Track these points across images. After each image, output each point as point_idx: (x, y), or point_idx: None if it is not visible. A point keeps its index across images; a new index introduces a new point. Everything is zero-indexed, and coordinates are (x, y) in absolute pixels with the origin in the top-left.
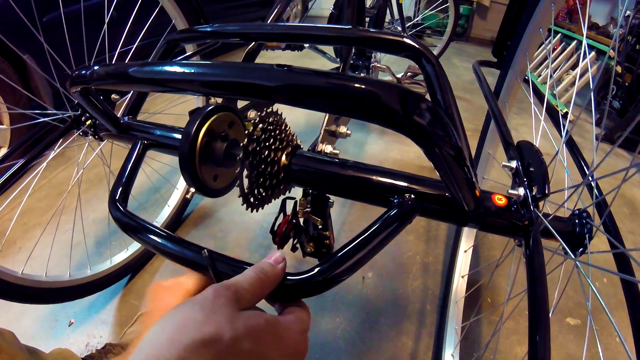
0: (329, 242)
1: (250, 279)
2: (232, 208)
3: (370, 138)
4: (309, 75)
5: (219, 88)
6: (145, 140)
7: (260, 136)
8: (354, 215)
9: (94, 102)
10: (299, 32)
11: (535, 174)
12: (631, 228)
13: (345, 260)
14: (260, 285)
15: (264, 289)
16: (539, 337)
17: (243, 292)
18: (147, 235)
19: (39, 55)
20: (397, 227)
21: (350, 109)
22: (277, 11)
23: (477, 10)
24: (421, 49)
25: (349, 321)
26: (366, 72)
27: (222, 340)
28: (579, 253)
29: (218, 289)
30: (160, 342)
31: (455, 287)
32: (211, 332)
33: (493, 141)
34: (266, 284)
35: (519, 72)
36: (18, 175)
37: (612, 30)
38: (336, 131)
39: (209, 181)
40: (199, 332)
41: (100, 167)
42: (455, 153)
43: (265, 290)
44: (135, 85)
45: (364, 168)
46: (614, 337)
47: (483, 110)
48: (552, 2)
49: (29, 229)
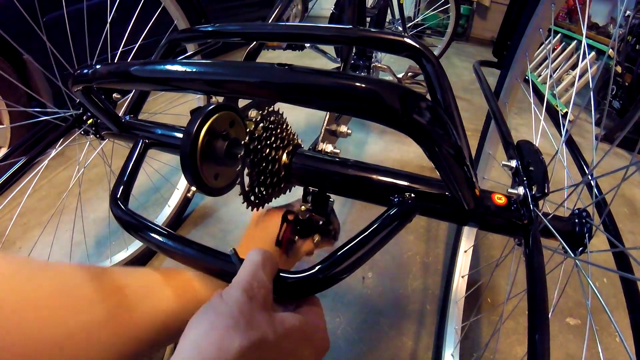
0: (333, 227)
1: (264, 267)
2: (232, 207)
3: (371, 137)
4: (310, 74)
5: (220, 87)
6: (147, 140)
7: (261, 135)
8: (354, 215)
9: (96, 101)
10: (299, 32)
11: (535, 173)
12: (631, 228)
13: (346, 259)
14: (272, 269)
15: (274, 271)
16: (539, 337)
17: (268, 287)
18: (148, 233)
19: (41, 54)
20: (397, 226)
21: (351, 108)
22: (278, 11)
23: (477, 10)
24: (421, 49)
25: (349, 321)
26: (367, 72)
27: (267, 343)
28: (578, 252)
29: (247, 289)
30: (205, 348)
31: (455, 287)
32: (258, 336)
33: (493, 141)
34: (274, 266)
35: (519, 72)
36: (18, 174)
37: (612, 30)
38: (337, 130)
39: (210, 180)
40: (245, 337)
41: (101, 166)
42: (455, 152)
43: (274, 272)
44: (137, 84)
45: (365, 167)
46: (614, 337)
47: (483, 110)
48: (552, 2)
49: (29, 229)
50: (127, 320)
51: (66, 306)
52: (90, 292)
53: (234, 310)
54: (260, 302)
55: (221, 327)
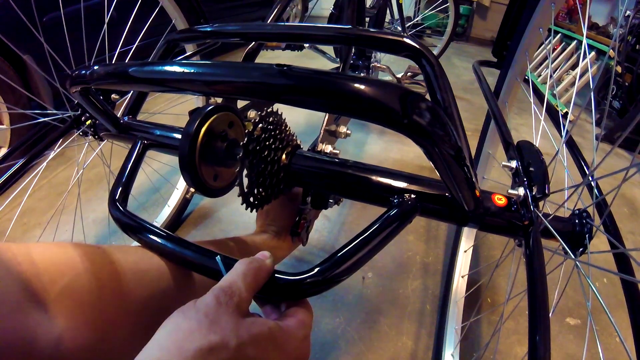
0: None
1: (245, 277)
2: (231, 208)
3: (370, 138)
4: (309, 75)
5: (219, 88)
6: (145, 140)
7: (260, 136)
8: (354, 215)
9: (94, 102)
10: (299, 32)
11: (535, 173)
12: (631, 228)
13: (345, 260)
14: (254, 280)
15: (259, 283)
16: (539, 337)
17: (243, 295)
18: (147, 235)
19: (39, 55)
20: (397, 227)
21: (350, 109)
22: (277, 11)
23: (477, 10)
24: (421, 49)
25: (349, 321)
26: (366, 72)
27: (227, 348)
28: (579, 253)
29: (219, 295)
30: (167, 349)
31: (455, 287)
32: (217, 340)
33: (493, 141)
34: (260, 278)
35: (519, 72)
36: (18, 175)
37: (612, 30)
38: (336, 131)
39: (208, 181)
40: (205, 339)
41: (100, 167)
42: (455, 153)
43: (260, 284)
44: (135, 85)
45: (364, 168)
46: (614, 337)
47: (483, 110)
48: (552, 2)
49: (29, 229)
50: (118, 289)
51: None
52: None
53: (200, 314)
54: (231, 308)
55: (185, 329)
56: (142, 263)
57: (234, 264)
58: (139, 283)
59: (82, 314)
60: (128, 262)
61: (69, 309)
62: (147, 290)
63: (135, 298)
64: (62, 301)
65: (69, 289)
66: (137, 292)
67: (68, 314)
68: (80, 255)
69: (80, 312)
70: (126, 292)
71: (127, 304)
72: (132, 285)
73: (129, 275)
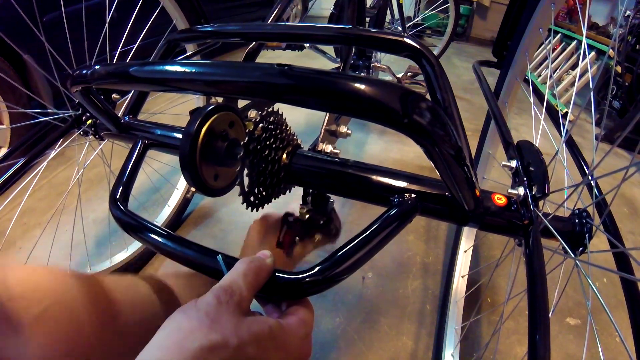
0: (334, 225)
1: (246, 277)
2: (232, 208)
3: (371, 138)
4: (309, 74)
5: (220, 87)
6: (146, 140)
7: (260, 135)
8: (354, 215)
9: (95, 102)
10: (299, 32)
11: (535, 173)
12: (631, 228)
13: (346, 260)
14: (255, 279)
15: (259, 282)
16: (539, 337)
17: (243, 294)
18: (148, 234)
19: (40, 55)
20: (397, 227)
21: (351, 109)
22: (278, 11)
23: (477, 10)
24: (421, 49)
25: (349, 321)
26: (366, 72)
27: (227, 347)
28: (579, 252)
29: (220, 294)
30: (168, 347)
31: (455, 287)
32: (218, 338)
33: (493, 141)
34: (260, 277)
35: (519, 72)
36: (18, 175)
37: (612, 30)
38: (336, 131)
39: (209, 180)
40: (205, 338)
41: (101, 166)
42: (455, 152)
43: (260, 283)
44: (136, 85)
45: (364, 167)
46: (614, 337)
47: (483, 110)
48: (552, 2)
49: (29, 229)
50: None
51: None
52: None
53: (201, 313)
54: (232, 307)
55: (186, 328)
56: (132, 289)
57: (235, 263)
58: (130, 310)
59: (58, 341)
60: (119, 288)
61: (45, 335)
62: (137, 315)
63: (124, 324)
64: (38, 326)
65: (46, 314)
66: (126, 319)
67: (43, 339)
68: (67, 282)
69: (57, 338)
70: (115, 318)
71: (115, 329)
72: (123, 311)
73: (120, 302)
